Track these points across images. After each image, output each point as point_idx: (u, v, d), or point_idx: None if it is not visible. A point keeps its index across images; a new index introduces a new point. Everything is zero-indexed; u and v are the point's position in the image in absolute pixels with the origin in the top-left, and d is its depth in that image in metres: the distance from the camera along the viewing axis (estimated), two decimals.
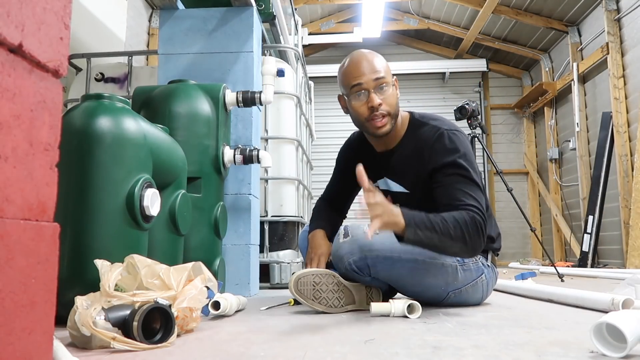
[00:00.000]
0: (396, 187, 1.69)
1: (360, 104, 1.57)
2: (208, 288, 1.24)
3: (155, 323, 1.01)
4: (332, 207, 1.93)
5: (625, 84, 4.86)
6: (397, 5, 6.98)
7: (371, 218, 1.31)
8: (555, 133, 6.56)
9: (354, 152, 1.82)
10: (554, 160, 6.55)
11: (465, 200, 1.46)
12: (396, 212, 1.36)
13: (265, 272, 2.64)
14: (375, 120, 1.56)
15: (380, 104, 1.54)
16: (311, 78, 4.49)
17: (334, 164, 1.96)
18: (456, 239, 1.40)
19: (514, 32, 6.62)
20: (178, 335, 1.08)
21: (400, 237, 1.39)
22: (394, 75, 1.64)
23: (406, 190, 1.67)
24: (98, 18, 3.99)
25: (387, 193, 1.72)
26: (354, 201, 1.98)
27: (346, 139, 1.96)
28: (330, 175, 1.98)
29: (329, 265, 1.67)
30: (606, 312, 1.08)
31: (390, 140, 1.67)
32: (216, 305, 1.42)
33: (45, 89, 0.56)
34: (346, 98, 1.63)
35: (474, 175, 1.52)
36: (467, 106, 3.59)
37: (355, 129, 1.76)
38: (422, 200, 1.59)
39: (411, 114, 1.71)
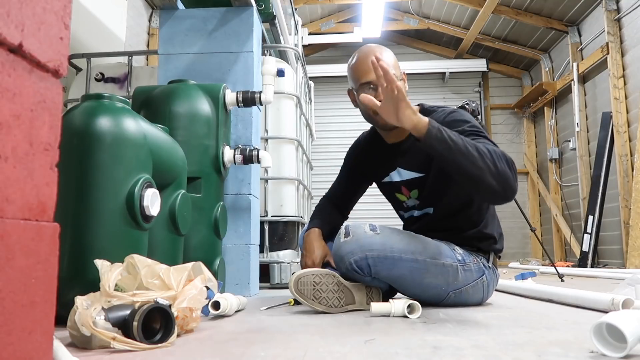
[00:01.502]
0: (409, 175, 1.72)
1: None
2: (208, 288, 1.24)
3: (155, 323, 1.01)
4: (335, 206, 1.94)
5: (625, 84, 4.87)
6: (397, 5, 6.98)
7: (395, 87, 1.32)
8: (555, 133, 6.56)
9: (364, 150, 1.87)
10: (554, 160, 6.56)
11: (495, 148, 1.42)
12: (418, 115, 1.37)
13: (265, 272, 2.64)
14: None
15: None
16: (311, 78, 4.49)
17: (336, 163, 1.98)
18: (483, 156, 1.34)
19: (514, 32, 6.62)
20: (178, 335, 1.08)
21: (417, 140, 1.38)
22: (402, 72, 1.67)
23: (420, 174, 1.69)
24: (98, 18, 3.98)
25: (400, 184, 1.76)
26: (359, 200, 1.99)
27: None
28: (333, 176, 2.00)
29: (325, 266, 1.68)
30: (606, 312, 1.08)
31: (403, 131, 1.68)
32: (216, 305, 1.42)
33: (45, 89, 0.56)
34: (355, 93, 1.67)
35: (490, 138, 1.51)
36: (467, 106, 3.57)
37: (357, 128, 1.77)
38: (437, 181, 1.64)
39: (421, 105, 1.74)
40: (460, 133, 1.48)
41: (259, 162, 2.08)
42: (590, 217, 5.09)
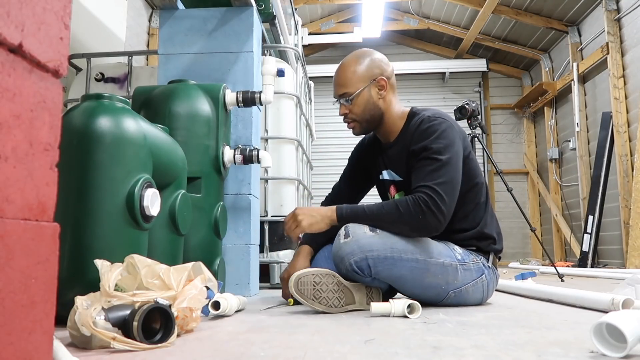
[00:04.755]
0: (394, 176, 1.81)
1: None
2: (208, 288, 1.24)
3: (155, 323, 1.01)
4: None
5: (625, 84, 4.87)
6: (397, 5, 6.98)
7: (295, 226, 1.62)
8: (555, 133, 6.56)
9: (366, 149, 1.96)
10: (554, 160, 6.56)
11: (423, 182, 1.55)
12: (323, 209, 1.63)
13: (265, 272, 2.64)
14: (347, 125, 1.79)
15: (345, 114, 1.75)
16: (311, 78, 4.49)
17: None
18: (395, 221, 1.54)
19: (514, 32, 6.62)
20: (178, 335, 1.08)
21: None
22: (377, 77, 1.72)
23: (400, 178, 1.78)
24: (98, 18, 3.98)
25: (389, 184, 1.83)
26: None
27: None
28: (333, 176, 2.02)
29: None
30: (606, 312, 1.08)
31: (391, 134, 1.79)
32: (216, 305, 1.42)
33: (45, 89, 0.56)
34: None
35: (443, 156, 1.57)
36: (467, 106, 3.59)
37: None
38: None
39: (411, 109, 1.79)
40: (417, 154, 1.61)
41: (259, 162, 2.08)
42: (590, 217, 5.09)
